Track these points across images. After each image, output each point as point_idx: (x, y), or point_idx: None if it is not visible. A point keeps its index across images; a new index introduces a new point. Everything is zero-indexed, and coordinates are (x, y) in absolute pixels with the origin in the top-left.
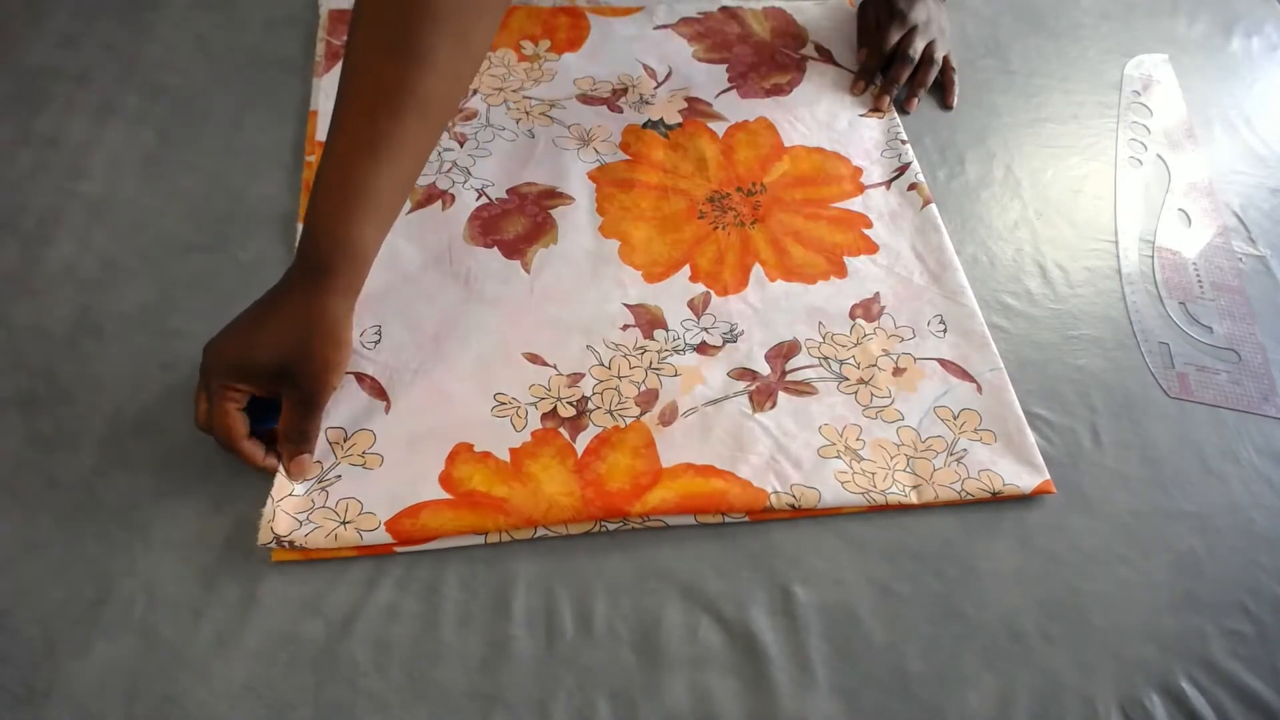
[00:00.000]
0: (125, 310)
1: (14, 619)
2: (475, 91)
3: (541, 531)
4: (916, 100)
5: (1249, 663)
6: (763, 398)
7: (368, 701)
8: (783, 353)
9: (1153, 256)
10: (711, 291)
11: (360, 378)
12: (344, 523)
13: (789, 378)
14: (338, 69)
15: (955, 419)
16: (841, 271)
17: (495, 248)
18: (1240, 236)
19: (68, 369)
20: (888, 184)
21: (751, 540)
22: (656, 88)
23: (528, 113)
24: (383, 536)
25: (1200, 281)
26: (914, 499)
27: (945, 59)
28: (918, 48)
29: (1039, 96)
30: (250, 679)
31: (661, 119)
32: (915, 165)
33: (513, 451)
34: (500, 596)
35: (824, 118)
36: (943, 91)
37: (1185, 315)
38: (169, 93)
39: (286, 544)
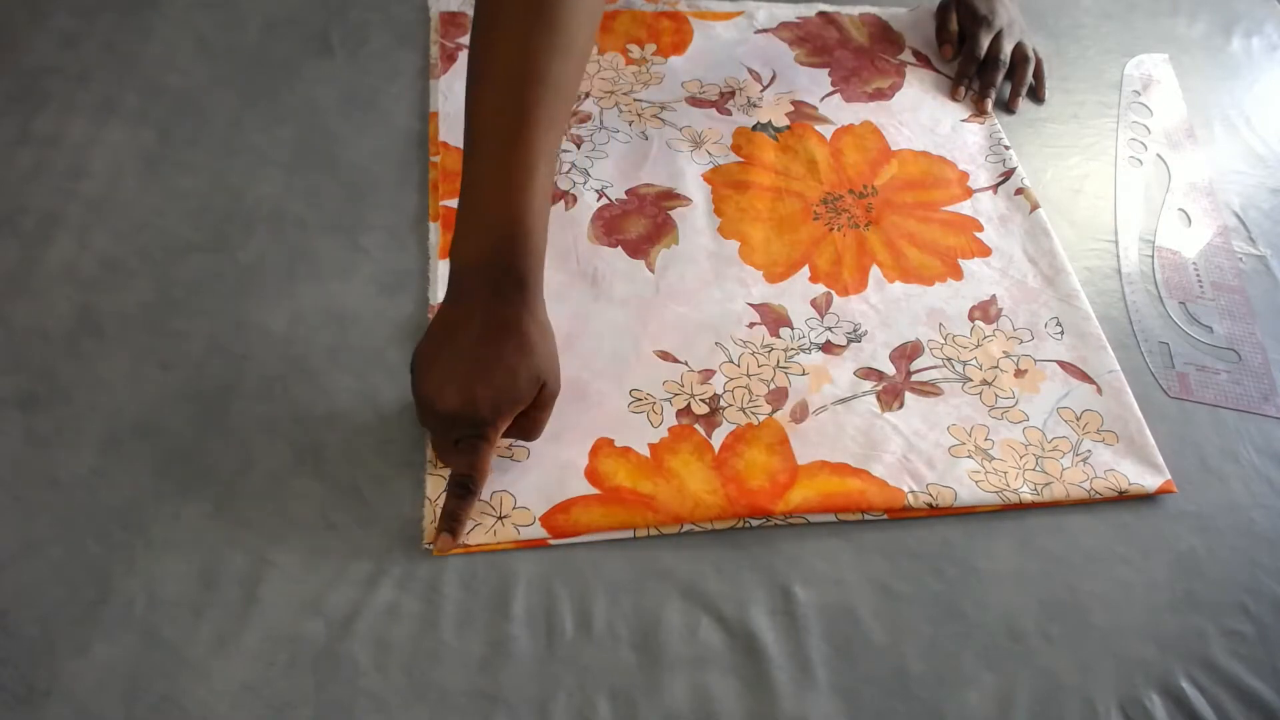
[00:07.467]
0: (125, 310)
1: (14, 619)
2: (588, 95)
3: (688, 527)
4: (1019, 100)
5: (1249, 663)
6: (890, 398)
7: (368, 701)
8: (906, 353)
9: (1153, 256)
10: (833, 291)
11: None
12: (501, 518)
13: (914, 378)
14: (453, 70)
15: (1078, 420)
16: (957, 274)
17: (619, 247)
18: (1240, 236)
19: (68, 369)
20: (994, 188)
21: (751, 540)
22: (763, 91)
23: (639, 115)
24: (538, 532)
25: (1200, 281)
26: (1046, 497)
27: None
28: (1007, 50)
29: None
30: (250, 679)
31: (770, 121)
32: (1020, 170)
33: (652, 447)
34: (500, 596)
35: (927, 122)
36: (1034, 86)
37: (1185, 315)
38: (169, 93)
39: None
